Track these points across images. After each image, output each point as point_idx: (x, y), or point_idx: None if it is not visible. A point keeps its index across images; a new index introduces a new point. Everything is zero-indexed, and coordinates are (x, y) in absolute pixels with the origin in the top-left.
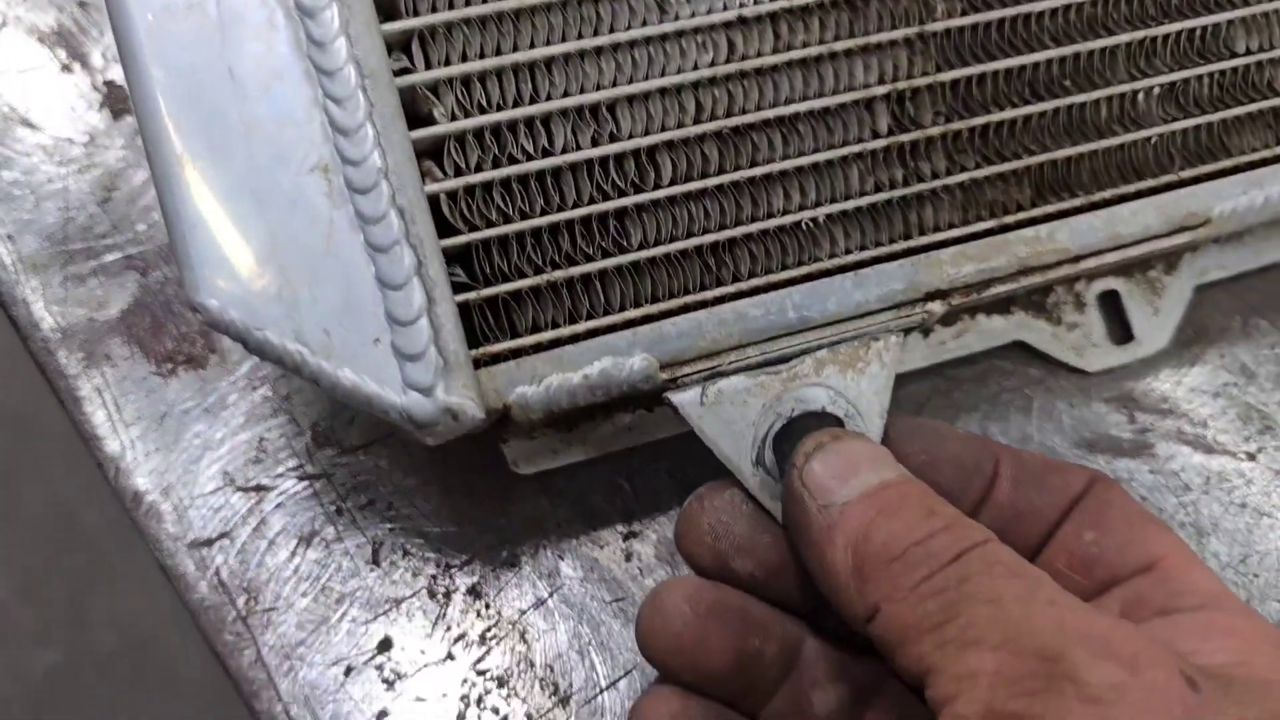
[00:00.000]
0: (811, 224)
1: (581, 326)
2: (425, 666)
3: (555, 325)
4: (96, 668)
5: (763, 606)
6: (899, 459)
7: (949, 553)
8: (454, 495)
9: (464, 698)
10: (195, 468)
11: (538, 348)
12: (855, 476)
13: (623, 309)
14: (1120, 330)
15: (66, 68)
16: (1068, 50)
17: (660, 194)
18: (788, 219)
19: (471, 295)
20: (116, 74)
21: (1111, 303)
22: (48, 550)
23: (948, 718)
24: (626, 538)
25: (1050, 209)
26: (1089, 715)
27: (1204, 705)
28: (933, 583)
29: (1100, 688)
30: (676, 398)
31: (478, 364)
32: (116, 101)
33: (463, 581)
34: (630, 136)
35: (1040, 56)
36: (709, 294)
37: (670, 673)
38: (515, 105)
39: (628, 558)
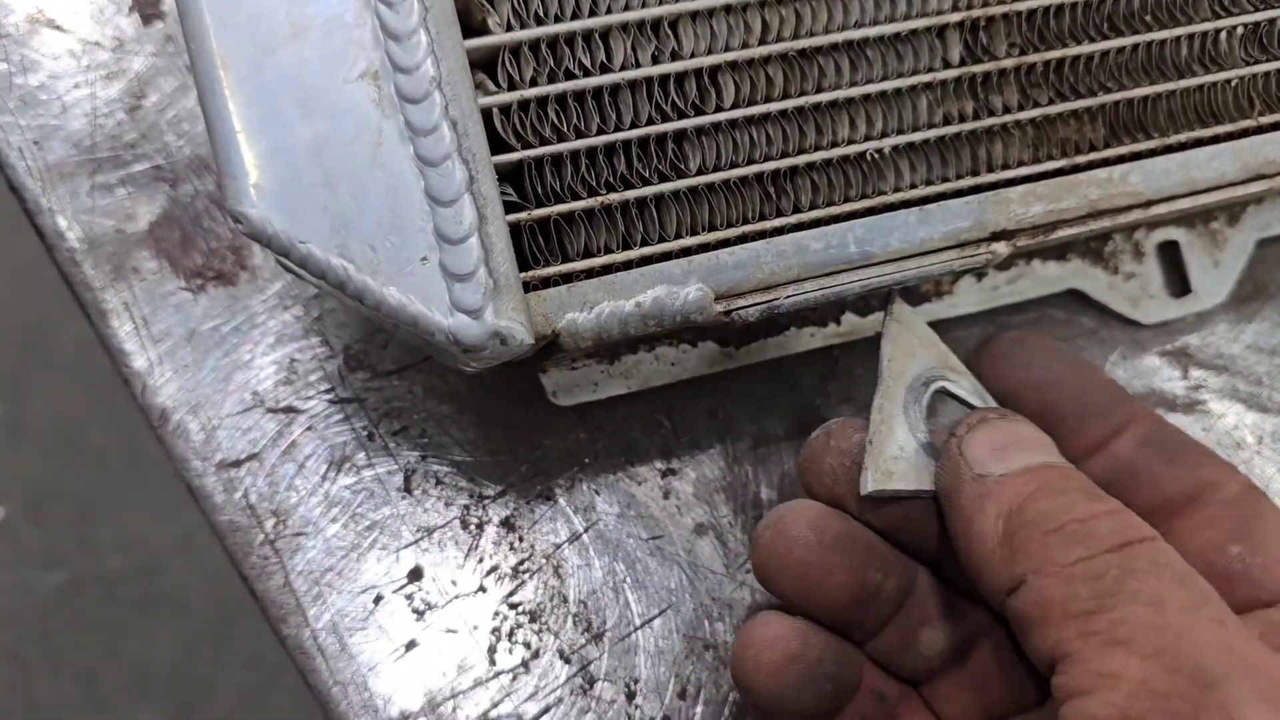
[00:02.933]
0: (877, 155)
1: (635, 253)
2: (456, 598)
3: (608, 250)
4: (104, 589)
5: (880, 539)
6: (1017, 368)
7: (1113, 539)
8: (489, 424)
9: (495, 630)
10: (224, 387)
11: (589, 273)
12: (1017, 453)
13: (678, 236)
14: (1178, 282)
15: None
16: None
17: (721, 117)
18: (852, 149)
19: (522, 215)
20: None
21: (1170, 253)
22: (56, 469)
23: (1074, 712)
24: (665, 475)
25: (1124, 150)
26: None
27: None
28: (1091, 565)
29: None
30: (873, 485)
31: (527, 288)
32: (146, 6)
33: (496, 513)
34: (692, 55)
35: None
36: (768, 224)
37: (788, 600)
38: (573, 17)
39: (665, 495)
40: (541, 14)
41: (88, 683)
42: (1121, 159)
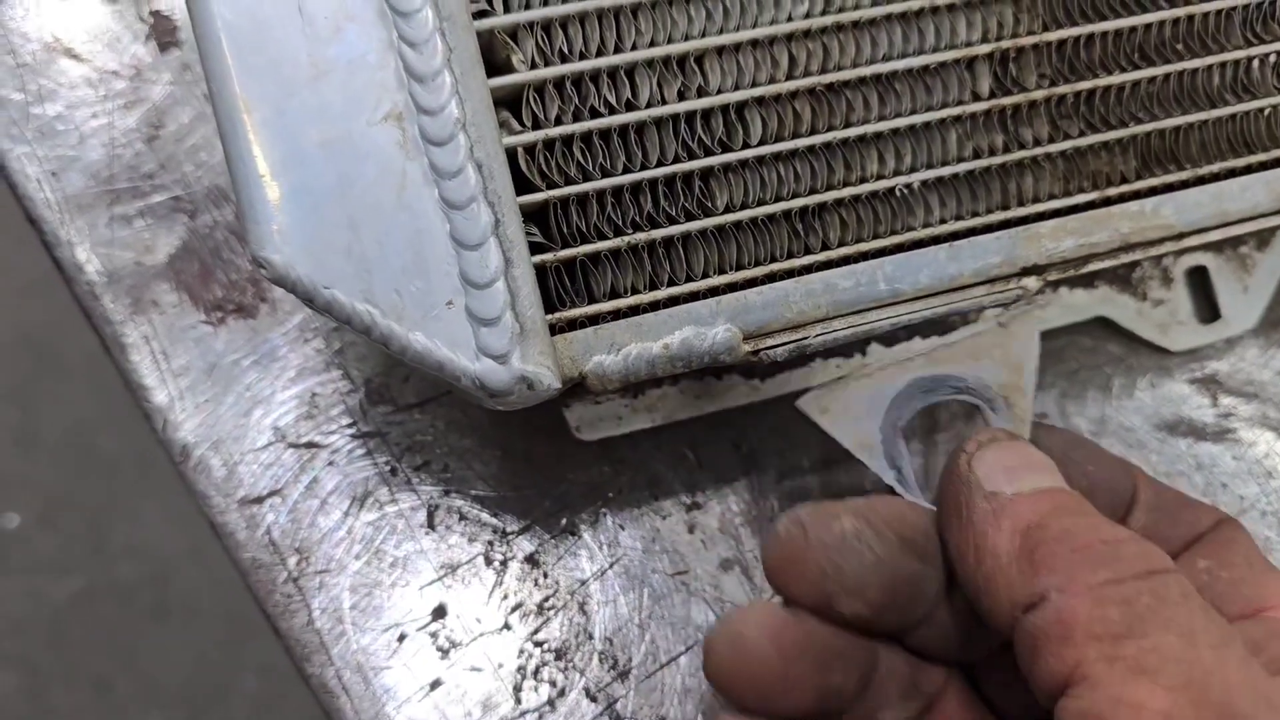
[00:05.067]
0: (906, 190)
1: (662, 293)
2: (481, 635)
3: (635, 291)
4: (117, 596)
5: (843, 635)
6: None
7: (1141, 565)
8: (512, 459)
9: (520, 669)
10: (245, 422)
11: (616, 314)
12: (1029, 475)
13: (706, 275)
14: (1207, 308)
15: None
16: (1181, 12)
17: (748, 154)
18: (881, 184)
19: (548, 256)
20: (162, 3)
21: (1199, 279)
22: (68, 477)
23: None
24: (690, 509)
25: (1155, 181)
26: None
27: None
28: (1121, 589)
29: None
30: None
31: (553, 330)
32: (163, 34)
33: (520, 549)
34: (718, 91)
35: (1152, 18)
36: (796, 262)
37: (742, 707)
38: (598, 54)
39: (690, 530)
40: (566, 51)
41: (101, 690)
42: (1153, 191)
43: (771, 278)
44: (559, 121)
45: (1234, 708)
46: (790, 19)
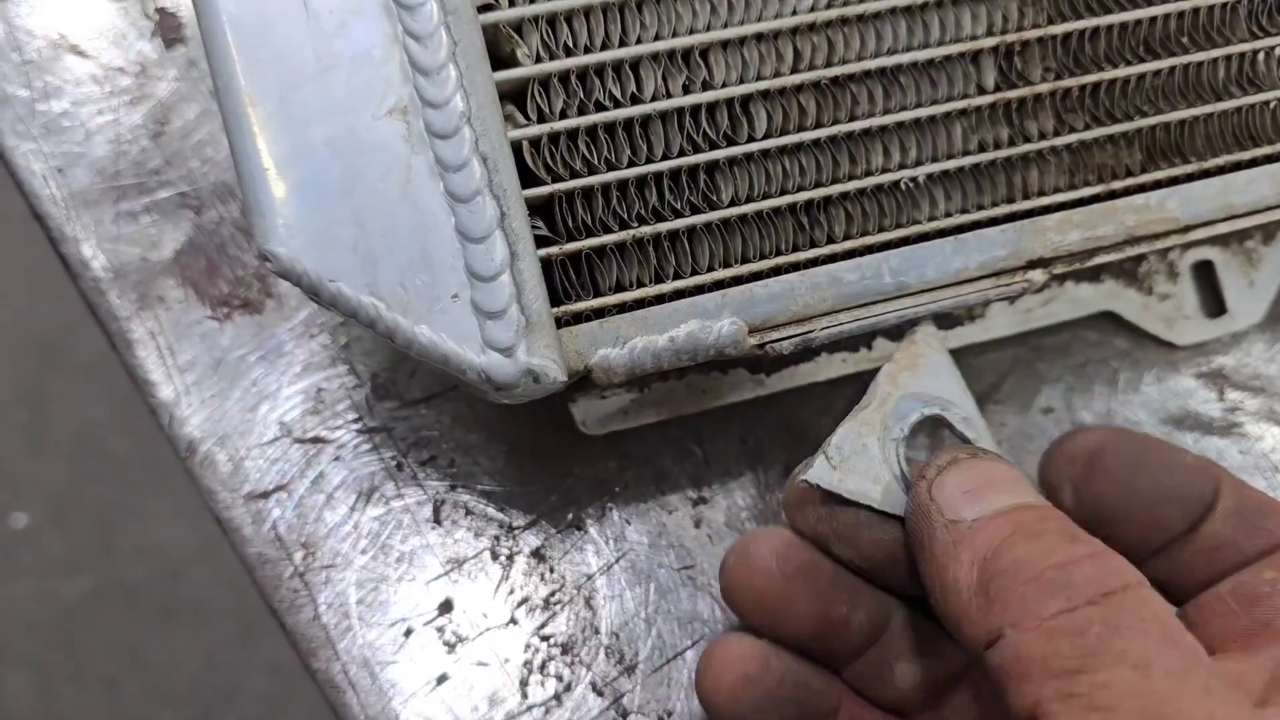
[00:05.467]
0: (911, 184)
1: (668, 286)
2: (487, 630)
3: (640, 284)
4: (126, 596)
5: (847, 573)
6: (1123, 493)
7: (1094, 588)
8: (518, 453)
9: (527, 663)
10: (251, 417)
11: (621, 308)
12: (991, 495)
13: (711, 269)
14: (1213, 302)
15: None
16: (1186, 5)
17: (753, 147)
18: (886, 178)
19: (553, 250)
20: (168, 1)
21: (1205, 273)
22: (77, 478)
23: None
24: (696, 504)
25: (1161, 175)
26: None
27: None
28: (1072, 619)
29: None
30: (812, 476)
31: (559, 323)
32: (168, 30)
33: (526, 543)
34: (723, 85)
35: (1158, 10)
36: (802, 255)
37: (752, 625)
38: (603, 48)
39: (697, 524)
40: (571, 44)
41: (110, 690)
42: (1159, 184)
43: (777, 271)
44: (564, 115)
45: None
46: (795, 12)
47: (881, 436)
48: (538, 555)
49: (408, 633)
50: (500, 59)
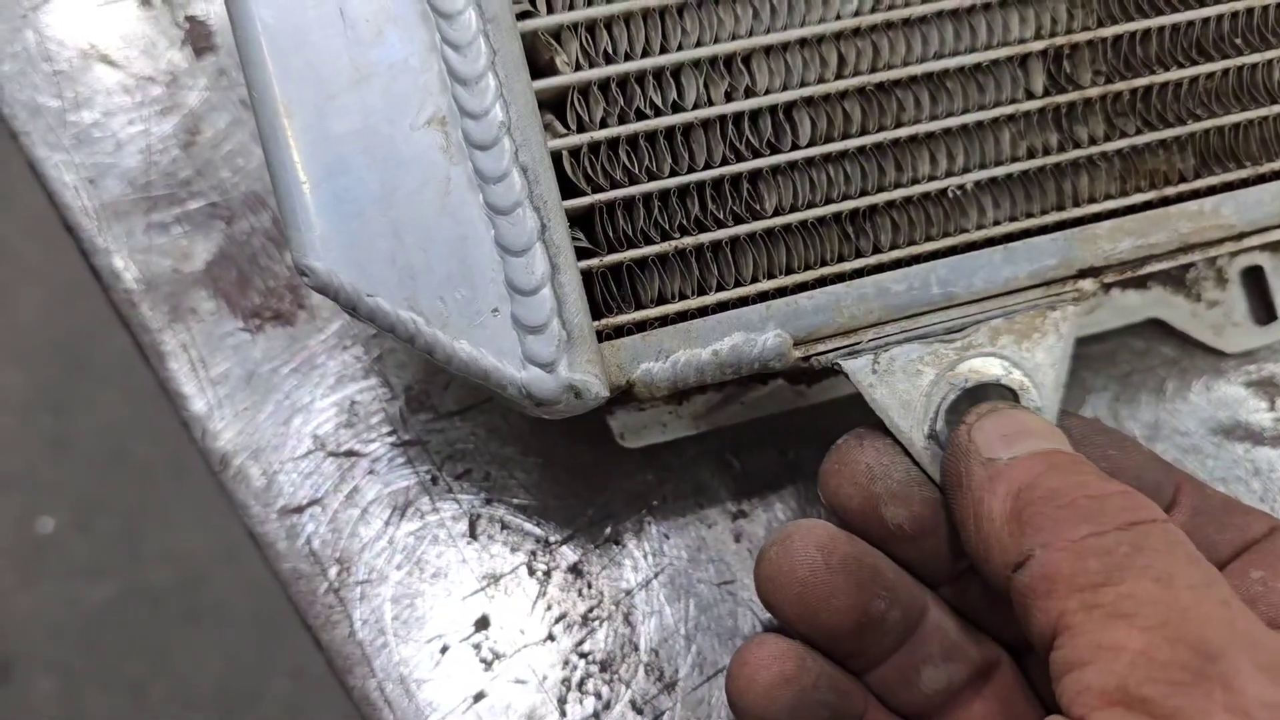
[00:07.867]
0: (959, 191)
1: (711, 298)
2: (525, 647)
3: (683, 296)
4: (151, 600)
5: (894, 567)
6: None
7: (1125, 516)
8: (554, 467)
9: (565, 681)
10: (284, 430)
11: (664, 320)
12: (1027, 440)
13: (754, 280)
14: (1263, 309)
15: (146, 2)
16: (1240, 5)
17: (797, 155)
18: (933, 185)
19: (594, 262)
20: (198, 9)
21: (1255, 279)
22: (102, 482)
23: (1073, 684)
24: (735, 518)
25: (1215, 180)
26: None
27: None
28: (1102, 540)
29: (1254, 703)
30: (847, 364)
31: (600, 337)
32: (198, 39)
33: (564, 558)
34: (766, 92)
35: (1210, 11)
36: (847, 265)
37: (787, 622)
38: (644, 55)
39: (736, 539)
40: (611, 52)
41: (136, 694)
42: (1213, 190)
43: (822, 282)
44: (604, 124)
45: (1207, 643)
46: (839, 17)
47: (941, 374)
48: (575, 570)
49: (444, 649)
50: (539, 67)
